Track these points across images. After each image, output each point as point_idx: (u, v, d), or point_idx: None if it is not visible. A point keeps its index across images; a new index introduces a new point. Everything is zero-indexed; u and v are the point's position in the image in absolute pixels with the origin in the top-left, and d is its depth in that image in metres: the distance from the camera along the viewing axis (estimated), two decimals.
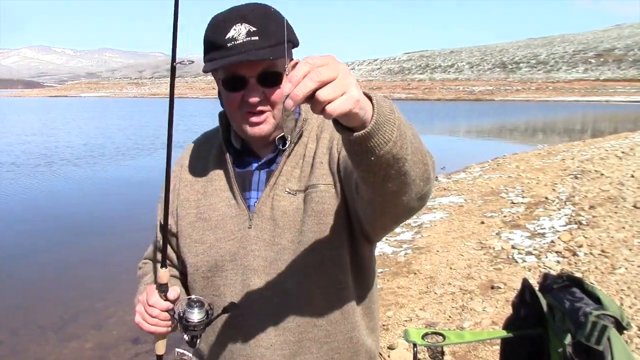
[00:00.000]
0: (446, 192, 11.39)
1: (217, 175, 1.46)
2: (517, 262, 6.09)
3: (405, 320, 4.86)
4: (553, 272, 5.52)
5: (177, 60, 1.32)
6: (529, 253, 6.37)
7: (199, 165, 1.50)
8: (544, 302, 1.83)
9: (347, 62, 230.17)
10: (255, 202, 1.40)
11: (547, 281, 1.93)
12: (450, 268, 6.13)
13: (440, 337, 1.94)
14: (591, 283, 5.08)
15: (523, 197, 9.52)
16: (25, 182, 14.94)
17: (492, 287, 5.35)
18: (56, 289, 7.11)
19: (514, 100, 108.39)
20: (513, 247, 6.64)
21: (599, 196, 8.73)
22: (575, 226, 7.18)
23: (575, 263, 5.78)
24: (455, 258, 6.50)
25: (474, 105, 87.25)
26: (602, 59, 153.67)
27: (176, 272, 1.54)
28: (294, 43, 1.37)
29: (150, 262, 1.60)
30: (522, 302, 1.95)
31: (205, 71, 1.32)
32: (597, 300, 1.70)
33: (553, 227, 7.33)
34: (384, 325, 4.82)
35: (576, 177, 10.91)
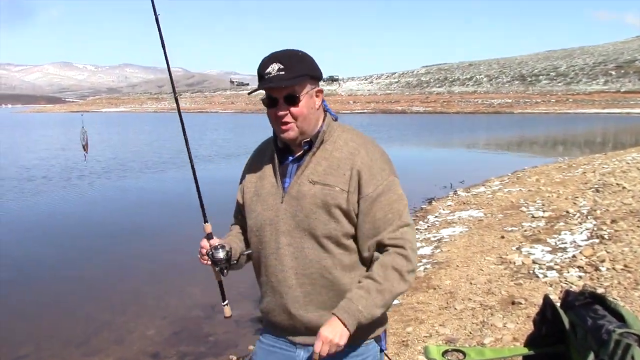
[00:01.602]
0: (465, 206, 11.34)
1: (268, 165, 2.06)
2: (538, 277, 6.03)
3: (425, 336, 4.83)
4: (575, 288, 5.46)
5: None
6: (550, 268, 6.30)
7: (260, 157, 2.13)
8: (565, 319, 1.82)
9: (366, 75, 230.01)
10: (288, 185, 1.97)
11: (568, 298, 1.92)
12: (471, 283, 6.09)
13: (461, 354, 1.93)
14: (614, 299, 4.99)
15: (544, 211, 9.43)
16: (54, 195, 15.23)
17: (513, 303, 5.30)
18: (79, 303, 7.18)
19: (533, 113, 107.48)
20: (534, 262, 6.58)
21: (620, 210, 8.63)
22: (597, 240, 7.09)
23: (598, 278, 5.71)
24: (475, 273, 6.45)
25: (493, 118, 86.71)
26: (622, 71, 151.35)
27: (241, 230, 2.23)
28: (313, 75, 1.94)
29: (233, 225, 2.30)
30: (544, 319, 1.94)
31: (249, 94, 2.09)
32: (620, 317, 1.68)
33: (574, 242, 7.24)
34: (403, 342, 4.79)
35: (597, 191, 10.79)
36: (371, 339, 2.03)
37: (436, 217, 10.67)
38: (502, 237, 8.00)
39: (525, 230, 8.24)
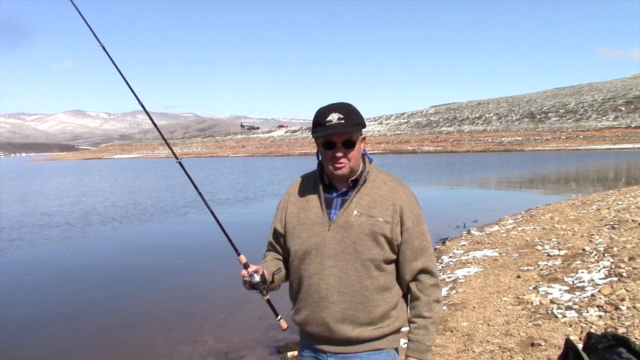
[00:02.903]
0: (480, 245, 11.23)
1: (313, 197, 2.39)
2: (557, 317, 5.91)
3: None
4: (595, 328, 5.34)
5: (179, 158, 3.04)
6: (568, 308, 6.18)
7: (301, 192, 2.45)
8: None
9: (376, 116, 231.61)
10: (334, 216, 2.31)
11: (591, 340, 1.87)
12: (488, 325, 5.98)
13: None
14: (636, 339, 4.87)
15: (559, 250, 9.32)
16: (74, 242, 15.42)
17: (533, 344, 5.18)
18: (91, 353, 7.10)
19: (544, 150, 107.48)
20: (552, 302, 6.46)
21: (638, 246, 8.51)
22: (616, 279, 6.97)
23: (618, 318, 5.58)
24: (493, 314, 6.34)
25: (504, 156, 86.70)
26: (632, 106, 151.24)
27: (280, 257, 2.52)
28: (363, 125, 2.32)
29: (267, 251, 2.58)
30: None
31: (314, 137, 2.30)
32: None
33: (592, 280, 7.12)
34: None
35: (613, 228, 10.67)
36: (392, 349, 2.39)
37: (450, 257, 10.56)
38: (518, 276, 7.89)
39: (541, 269, 8.13)
